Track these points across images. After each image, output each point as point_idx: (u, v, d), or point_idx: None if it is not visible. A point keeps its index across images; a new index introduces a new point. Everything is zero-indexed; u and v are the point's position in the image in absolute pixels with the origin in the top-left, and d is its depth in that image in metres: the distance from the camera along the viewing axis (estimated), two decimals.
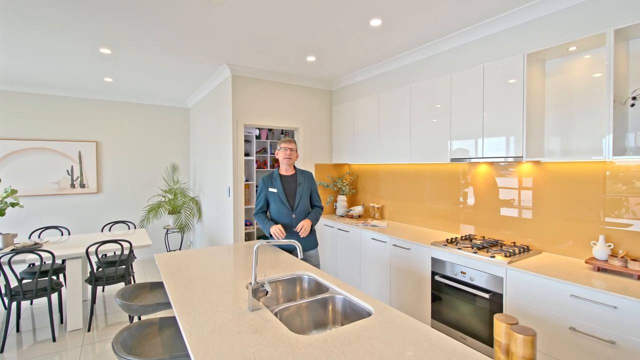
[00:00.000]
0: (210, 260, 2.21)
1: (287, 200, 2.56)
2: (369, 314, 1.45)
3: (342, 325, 1.62)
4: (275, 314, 1.49)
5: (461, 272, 2.41)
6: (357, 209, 4.03)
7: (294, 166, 2.69)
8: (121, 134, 5.27)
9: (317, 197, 2.70)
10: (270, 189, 2.59)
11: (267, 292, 1.46)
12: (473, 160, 2.59)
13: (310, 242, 2.60)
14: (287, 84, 4.12)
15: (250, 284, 1.43)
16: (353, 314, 1.57)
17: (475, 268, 2.32)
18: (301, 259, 1.56)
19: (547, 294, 1.93)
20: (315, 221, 2.59)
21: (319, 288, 1.85)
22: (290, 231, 2.54)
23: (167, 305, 1.95)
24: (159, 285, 2.26)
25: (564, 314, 1.86)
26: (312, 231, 2.64)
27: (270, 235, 2.48)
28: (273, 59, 3.49)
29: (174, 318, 1.80)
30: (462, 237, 2.81)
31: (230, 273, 1.93)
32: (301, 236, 2.49)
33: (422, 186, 3.43)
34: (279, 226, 2.41)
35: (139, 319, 2.27)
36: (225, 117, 3.90)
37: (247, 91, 3.82)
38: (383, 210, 3.93)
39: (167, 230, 5.40)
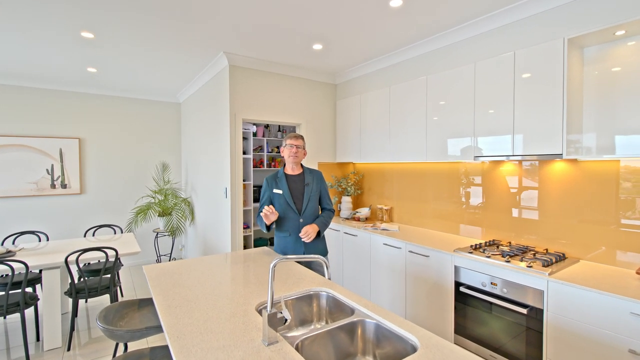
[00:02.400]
0: (209, 273, 1.90)
1: (293, 203, 2.28)
2: (413, 347, 1.18)
3: (375, 356, 1.34)
4: (296, 347, 1.20)
5: (491, 283, 2.15)
6: (364, 211, 3.77)
7: (302, 165, 2.41)
8: (106, 130, 4.89)
9: (328, 199, 2.42)
10: (275, 190, 2.30)
11: (285, 320, 1.17)
12: (501, 159, 2.35)
13: (319, 250, 2.33)
14: (288, 75, 3.82)
15: (266, 309, 1.14)
16: (388, 343, 1.29)
17: (508, 279, 2.07)
18: (328, 279, 1.27)
19: (600, 311, 1.69)
20: (323, 227, 2.31)
21: (340, 308, 1.57)
22: (296, 237, 2.26)
23: (159, 328, 1.64)
24: (148, 303, 1.95)
25: (621, 335, 1.62)
26: (322, 238, 2.37)
27: (268, 229, 2.21)
28: (275, 47, 3.19)
29: (167, 347, 1.50)
30: (486, 242, 2.56)
31: (234, 290, 1.64)
32: (305, 242, 2.22)
33: (435, 187, 3.18)
34: (269, 207, 2.11)
35: (125, 346, 1.95)
36: (222, 112, 3.58)
37: (245, 83, 3.51)
38: (392, 212, 3.67)
39: (157, 234, 5.04)
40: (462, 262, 2.33)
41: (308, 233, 2.19)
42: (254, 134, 5.05)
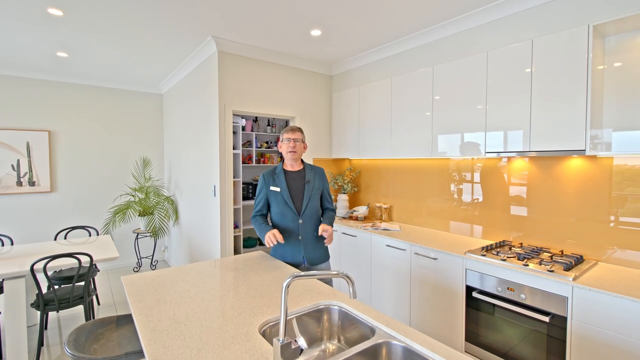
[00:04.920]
0: (200, 285, 1.66)
1: (292, 202, 2.06)
2: None
3: None
4: None
5: (508, 288, 2.00)
6: (362, 210, 3.58)
7: (302, 160, 2.19)
8: (80, 123, 4.49)
9: (329, 198, 2.22)
10: (272, 188, 2.08)
11: (301, 350, 0.95)
12: (516, 155, 2.20)
13: (321, 255, 2.12)
14: (281, 65, 3.56)
15: (279, 340, 0.92)
16: None
17: (527, 284, 1.92)
18: (353, 297, 1.05)
19: (632, 319, 1.55)
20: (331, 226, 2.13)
21: (354, 325, 1.37)
22: (295, 240, 2.05)
23: (142, 353, 1.39)
24: (128, 320, 1.69)
25: None
26: (322, 241, 2.16)
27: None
28: (270, 32, 2.93)
29: None
30: (496, 243, 2.42)
31: (231, 306, 1.40)
32: (326, 244, 2.07)
33: (437, 184, 3.02)
34: (275, 231, 1.93)
35: None
36: (210, 103, 3.29)
37: (235, 72, 3.23)
38: (391, 211, 3.50)
39: (138, 235, 4.69)
40: (474, 266, 2.18)
41: (329, 232, 2.01)
42: (242, 128, 4.77)
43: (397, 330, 1.21)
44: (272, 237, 1.90)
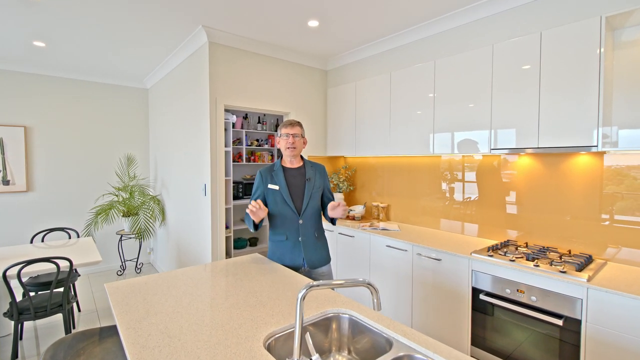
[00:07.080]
0: (193, 292, 1.51)
1: (291, 201, 1.93)
2: None
3: None
4: None
5: (517, 290, 1.92)
6: (358, 209, 3.47)
7: (302, 157, 2.06)
8: (59, 118, 4.22)
9: (331, 197, 2.10)
10: (270, 186, 1.95)
11: None
12: (525, 151, 2.12)
13: (321, 257, 2.00)
14: (275, 58, 3.42)
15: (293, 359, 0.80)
16: None
17: (538, 286, 1.84)
18: (378, 309, 0.93)
19: None
20: (336, 220, 2.07)
21: (365, 334, 1.25)
22: (295, 242, 1.92)
23: None
24: (113, 332, 1.52)
25: None
26: (323, 242, 2.05)
27: (256, 228, 1.88)
28: (265, 22, 2.79)
29: None
30: (501, 243, 2.34)
31: (230, 316, 1.26)
32: (339, 214, 1.85)
33: (436, 183, 2.94)
34: (257, 202, 1.74)
35: None
36: (201, 97, 3.12)
37: (227, 64, 3.07)
38: (389, 210, 3.40)
39: (121, 237, 4.46)
40: (481, 267, 2.09)
41: (343, 206, 1.83)
42: (232, 125, 4.59)
43: (417, 342, 1.09)
44: (254, 205, 1.72)
